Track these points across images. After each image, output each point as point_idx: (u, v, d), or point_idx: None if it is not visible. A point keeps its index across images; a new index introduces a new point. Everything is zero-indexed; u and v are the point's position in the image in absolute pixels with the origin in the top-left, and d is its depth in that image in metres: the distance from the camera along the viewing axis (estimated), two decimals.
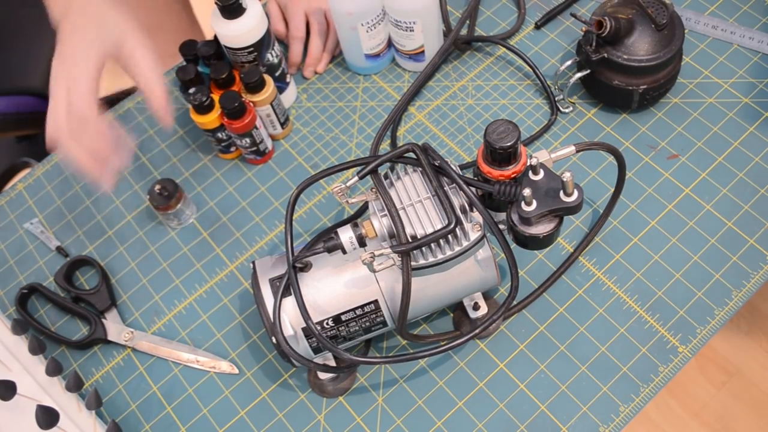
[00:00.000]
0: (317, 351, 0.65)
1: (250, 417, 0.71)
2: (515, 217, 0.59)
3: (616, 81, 0.76)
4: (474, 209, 0.61)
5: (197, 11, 1.13)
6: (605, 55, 0.75)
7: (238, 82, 0.80)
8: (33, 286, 0.78)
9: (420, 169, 0.62)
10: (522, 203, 0.58)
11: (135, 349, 0.75)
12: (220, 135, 0.81)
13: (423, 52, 0.85)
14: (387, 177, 0.63)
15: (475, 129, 0.83)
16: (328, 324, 0.63)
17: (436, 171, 0.61)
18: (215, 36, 0.79)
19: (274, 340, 0.62)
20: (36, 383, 0.69)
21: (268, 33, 0.79)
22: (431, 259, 0.60)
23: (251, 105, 0.78)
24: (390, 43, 0.87)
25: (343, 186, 0.61)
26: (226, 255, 0.80)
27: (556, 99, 0.82)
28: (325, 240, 0.61)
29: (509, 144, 0.58)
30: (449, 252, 0.60)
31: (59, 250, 0.82)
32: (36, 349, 0.69)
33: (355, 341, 0.67)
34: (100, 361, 0.76)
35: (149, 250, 0.81)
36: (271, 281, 0.64)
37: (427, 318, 0.73)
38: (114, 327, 0.76)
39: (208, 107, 0.78)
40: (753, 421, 1.31)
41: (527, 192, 0.56)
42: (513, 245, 0.64)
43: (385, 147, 0.84)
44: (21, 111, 1.27)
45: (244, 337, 0.75)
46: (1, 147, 1.46)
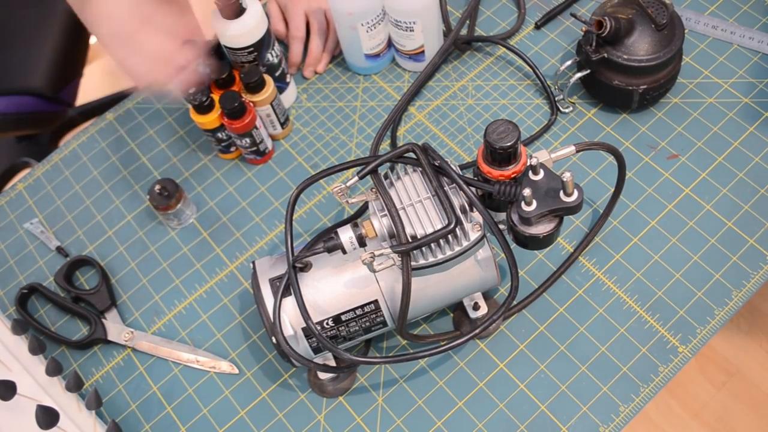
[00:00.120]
0: (317, 351, 0.65)
1: (250, 417, 0.71)
2: (515, 217, 0.59)
3: (616, 81, 0.76)
4: (474, 209, 0.61)
5: (197, 11, 1.13)
6: (605, 55, 0.75)
7: (238, 82, 0.80)
8: (33, 286, 0.78)
9: (420, 169, 0.62)
10: (522, 203, 0.58)
11: (135, 349, 0.75)
12: (220, 135, 0.81)
13: (423, 52, 0.85)
14: (387, 177, 0.63)
15: (475, 129, 0.83)
16: (328, 324, 0.63)
17: (436, 171, 0.61)
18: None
19: (274, 340, 0.62)
20: (36, 383, 0.69)
21: (268, 33, 0.79)
22: (431, 259, 0.60)
23: (251, 105, 0.78)
24: (390, 43, 0.87)
25: (343, 186, 0.61)
26: (226, 255, 0.80)
27: (556, 99, 0.82)
28: (325, 240, 0.61)
29: (509, 144, 0.58)
30: (449, 252, 0.60)
31: (59, 250, 0.82)
32: (36, 349, 0.69)
33: (355, 341, 0.67)
34: (100, 361, 0.76)
35: (149, 250, 0.81)
36: (271, 281, 0.64)
37: (427, 318, 0.73)
38: (114, 327, 0.76)
39: (208, 107, 0.78)
40: (753, 421, 1.31)
41: (527, 192, 0.56)
42: (513, 245, 0.64)
43: (385, 147, 0.83)
44: (21, 111, 1.27)
45: (244, 337, 0.75)
46: (1, 147, 1.46)
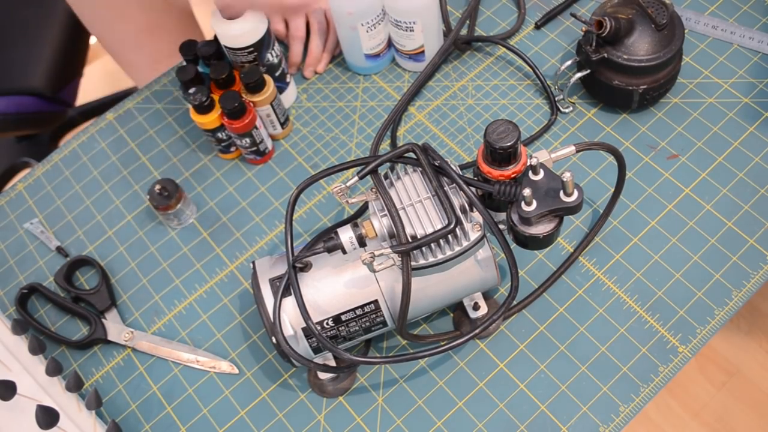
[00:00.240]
0: (317, 351, 0.65)
1: (250, 417, 0.70)
2: (515, 217, 0.59)
3: (616, 81, 0.76)
4: (474, 209, 0.61)
5: (197, 11, 1.13)
6: (605, 55, 0.75)
7: (238, 82, 0.80)
8: (33, 286, 0.78)
9: (420, 169, 0.62)
10: (522, 203, 0.58)
11: (135, 349, 0.75)
12: (220, 135, 0.81)
13: (423, 52, 0.85)
14: (387, 177, 0.63)
15: (475, 129, 0.83)
16: (328, 324, 0.63)
17: (436, 171, 0.61)
18: (215, 36, 0.79)
19: (274, 340, 0.62)
20: (36, 383, 0.69)
21: (268, 33, 0.79)
22: (431, 259, 0.60)
23: (251, 105, 0.78)
24: (390, 43, 0.87)
25: (343, 186, 0.61)
26: (226, 255, 0.80)
27: (556, 99, 0.82)
28: (325, 240, 0.61)
29: (509, 144, 0.58)
30: (449, 252, 0.60)
31: (59, 250, 0.82)
32: (36, 349, 0.69)
33: (355, 341, 0.67)
34: (100, 361, 0.76)
35: (149, 250, 0.81)
36: (271, 281, 0.64)
37: (427, 318, 0.73)
38: (114, 327, 0.76)
39: (208, 107, 0.78)
40: (753, 421, 1.31)
41: (527, 192, 0.56)
42: (513, 245, 0.64)
43: (385, 147, 0.83)
44: (21, 111, 1.27)
45: (244, 337, 0.75)
46: (1, 147, 1.46)
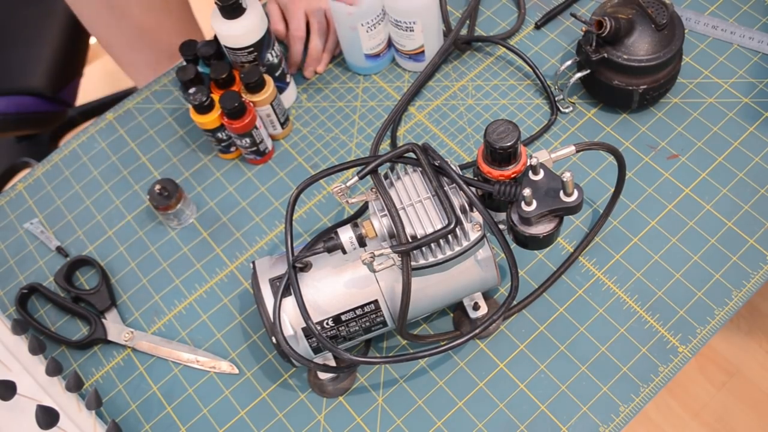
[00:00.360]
0: (317, 351, 0.65)
1: (250, 417, 0.70)
2: (515, 217, 0.59)
3: (616, 81, 0.76)
4: (474, 209, 0.61)
5: (197, 11, 1.13)
6: (605, 55, 0.75)
7: (238, 82, 0.80)
8: (33, 286, 0.78)
9: (420, 169, 0.62)
10: (522, 203, 0.58)
11: (135, 349, 0.75)
12: (220, 135, 0.81)
13: (423, 52, 0.85)
14: (387, 177, 0.63)
15: (475, 129, 0.83)
16: (328, 324, 0.63)
17: (436, 171, 0.61)
18: (215, 36, 0.79)
19: (274, 340, 0.62)
20: (36, 383, 0.69)
21: (268, 33, 0.79)
22: (431, 259, 0.60)
23: (251, 105, 0.78)
24: (390, 43, 0.87)
25: (343, 186, 0.61)
26: (226, 255, 0.80)
27: (556, 99, 0.82)
28: (325, 240, 0.61)
29: (509, 144, 0.58)
30: (449, 252, 0.60)
31: (59, 250, 0.82)
32: (36, 349, 0.69)
33: (355, 341, 0.67)
34: (100, 361, 0.76)
35: (149, 250, 0.81)
36: (271, 281, 0.64)
37: (427, 318, 0.73)
38: (114, 327, 0.76)
39: (208, 107, 0.78)
40: (753, 421, 1.31)
41: (527, 192, 0.56)
42: (513, 245, 0.64)
43: (385, 147, 0.83)
44: (21, 111, 1.27)
45: (244, 337, 0.75)
46: (1, 147, 1.46)
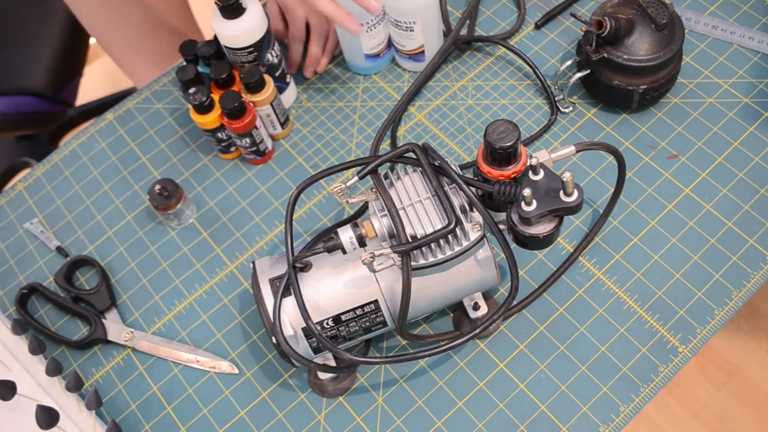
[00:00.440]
0: (317, 351, 0.65)
1: (250, 417, 0.70)
2: (515, 217, 0.59)
3: (616, 81, 0.76)
4: (474, 209, 0.61)
5: (197, 11, 1.13)
6: (605, 55, 0.75)
7: (238, 82, 0.80)
8: (33, 286, 0.78)
9: (420, 169, 0.62)
10: (522, 203, 0.58)
11: (135, 349, 0.75)
12: (220, 135, 0.81)
13: (423, 52, 0.85)
14: (387, 177, 0.63)
15: (475, 129, 0.83)
16: (328, 324, 0.63)
17: (436, 171, 0.61)
18: (215, 36, 0.79)
19: (274, 340, 0.62)
20: (36, 383, 0.69)
21: (268, 33, 0.79)
22: (431, 259, 0.60)
23: (251, 105, 0.78)
24: (390, 43, 0.87)
25: (343, 186, 0.61)
26: (226, 255, 0.80)
27: (556, 99, 0.82)
28: (325, 240, 0.61)
29: (509, 144, 0.58)
30: (449, 252, 0.60)
31: (59, 250, 0.82)
32: (36, 349, 0.69)
33: (355, 341, 0.67)
34: (100, 361, 0.76)
35: (149, 250, 0.81)
36: (271, 281, 0.64)
37: (427, 318, 0.73)
38: (114, 327, 0.76)
39: (208, 107, 0.78)
40: (753, 421, 1.31)
41: (527, 192, 0.56)
42: (513, 245, 0.64)
43: (385, 147, 0.83)
44: (21, 111, 1.27)
45: (244, 337, 0.75)
46: (1, 147, 1.46)
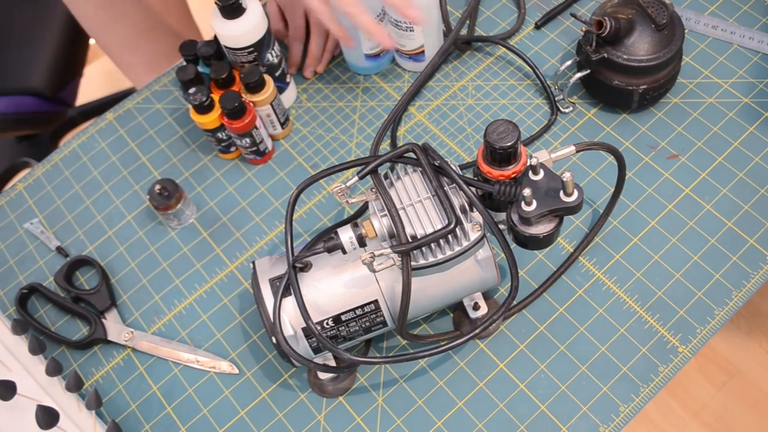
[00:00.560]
0: (317, 351, 0.65)
1: (250, 417, 0.71)
2: (515, 217, 0.59)
3: (616, 81, 0.76)
4: (474, 209, 0.61)
5: (196, 11, 1.13)
6: (605, 55, 0.75)
7: (238, 82, 0.80)
8: (33, 286, 0.78)
9: (420, 169, 0.62)
10: (522, 203, 0.58)
11: (135, 349, 0.75)
12: (220, 135, 0.81)
13: (423, 52, 0.85)
14: (387, 177, 0.63)
15: (475, 129, 0.83)
16: (328, 324, 0.63)
17: (436, 171, 0.61)
18: (215, 36, 0.79)
19: (274, 340, 0.62)
20: (36, 383, 0.69)
21: (268, 33, 0.79)
22: (431, 259, 0.60)
23: (251, 105, 0.78)
24: None
25: (343, 186, 0.61)
26: (226, 255, 0.80)
27: (556, 99, 0.82)
28: (325, 240, 0.61)
29: (509, 144, 0.58)
30: (449, 252, 0.60)
31: (59, 250, 0.82)
32: (36, 349, 0.69)
33: (355, 341, 0.67)
34: (100, 361, 0.76)
35: (149, 250, 0.81)
36: (271, 281, 0.64)
37: (427, 318, 0.73)
38: (114, 327, 0.76)
39: (208, 107, 0.78)
40: (753, 421, 1.31)
41: (527, 192, 0.56)
42: (513, 245, 0.64)
43: (385, 147, 0.83)
44: (21, 111, 1.27)
45: (244, 337, 0.75)
46: (1, 147, 1.46)
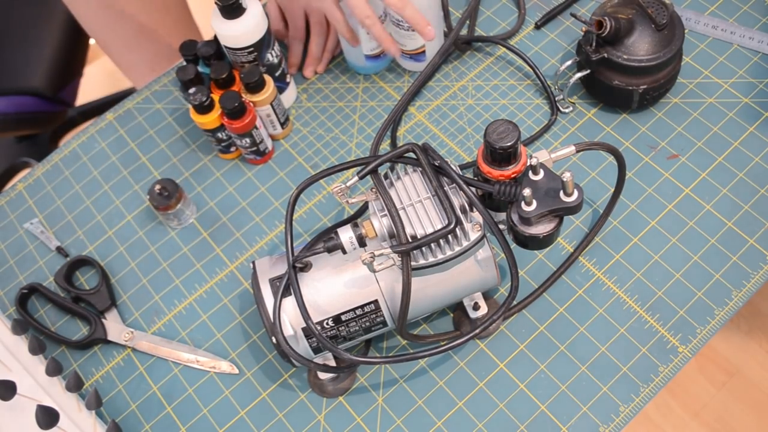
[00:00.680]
0: (317, 351, 0.65)
1: (250, 417, 0.71)
2: (515, 217, 0.59)
3: (616, 81, 0.76)
4: (474, 209, 0.61)
5: (196, 11, 1.13)
6: (605, 55, 0.75)
7: (238, 82, 0.80)
8: (33, 286, 0.78)
9: (420, 169, 0.62)
10: (522, 203, 0.58)
11: (135, 349, 0.75)
12: (220, 135, 0.81)
13: (423, 52, 0.85)
14: (387, 177, 0.63)
15: (475, 129, 0.83)
16: (328, 324, 0.63)
17: (436, 171, 0.61)
18: (215, 36, 0.79)
19: (274, 340, 0.62)
20: (36, 383, 0.69)
21: (268, 33, 0.79)
22: (431, 259, 0.60)
23: (251, 105, 0.78)
24: None
25: (343, 186, 0.61)
26: (226, 255, 0.80)
27: (556, 99, 0.82)
28: (325, 240, 0.61)
29: (509, 144, 0.58)
30: (449, 252, 0.60)
31: (59, 250, 0.82)
32: (36, 349, 0.69)
33: (355, 341, 0.67)
34: (100, 361, 0.76)
35: (149, 250, 0.81)
36: (271, 281, 0.64)
37: (427, 318, 0.73)
38: (114, 327, 0.76)
39: (208, 107, 0.78)
40: (753, 421, 1.31)
41: (527, 192, 0.56)
42: (513, 245, 0.64)
43: (385, 147, 0.83)
44: (21, 111, 1.27)
45: (244, 337, 0.75)
46: (1, 147, 1.46)
